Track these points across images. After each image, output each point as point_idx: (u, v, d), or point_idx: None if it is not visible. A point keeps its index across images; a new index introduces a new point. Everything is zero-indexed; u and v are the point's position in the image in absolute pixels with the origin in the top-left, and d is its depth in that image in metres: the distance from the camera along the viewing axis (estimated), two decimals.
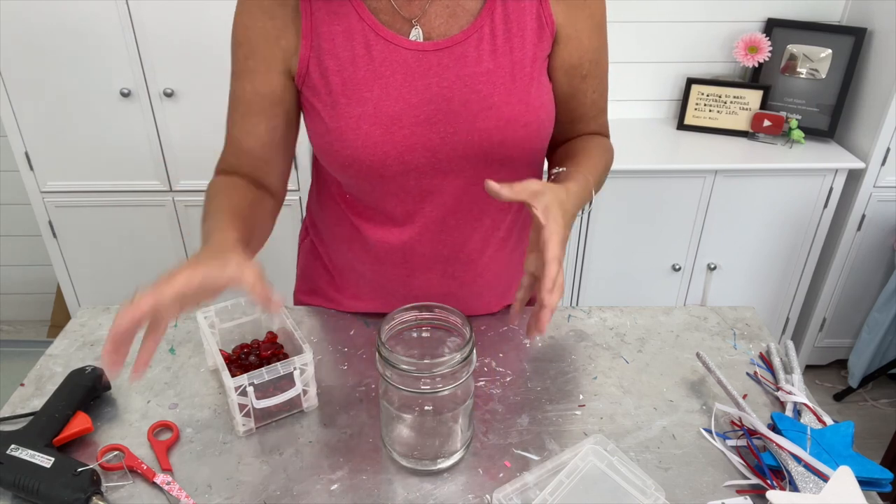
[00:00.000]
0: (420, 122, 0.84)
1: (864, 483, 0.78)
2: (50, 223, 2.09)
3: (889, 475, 0.79)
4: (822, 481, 0.77)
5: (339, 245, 1.04)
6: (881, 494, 0.80)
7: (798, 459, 0.79)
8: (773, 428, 0.86)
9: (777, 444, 0.81)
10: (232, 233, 0.78)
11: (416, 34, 0.83)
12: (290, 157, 0.94)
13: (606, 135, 1.03)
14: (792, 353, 0.99)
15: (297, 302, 1.16)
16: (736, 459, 0.84)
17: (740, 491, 0.80)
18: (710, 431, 0.88)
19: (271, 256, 2.28)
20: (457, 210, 0.92)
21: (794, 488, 0.77)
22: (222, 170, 0.93)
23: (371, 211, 0.95)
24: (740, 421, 0.87)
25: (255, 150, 0.90)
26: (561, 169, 0.90)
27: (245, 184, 0.91)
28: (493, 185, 0.73)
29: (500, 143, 0.85)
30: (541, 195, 0.74)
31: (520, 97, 0.85)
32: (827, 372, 2.51)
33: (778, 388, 0.93)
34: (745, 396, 0.93)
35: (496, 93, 0.84)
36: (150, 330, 0.68)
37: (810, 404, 0.88)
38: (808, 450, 0.81)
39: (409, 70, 0.83)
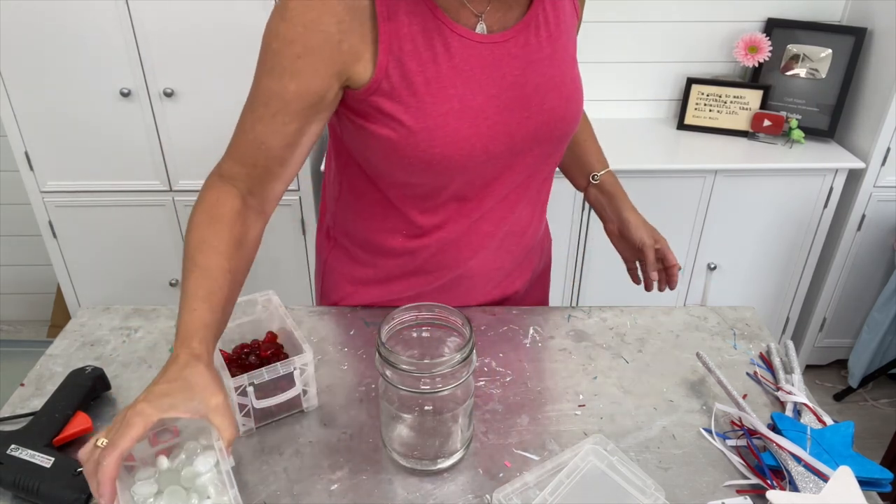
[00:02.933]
0: (500, 110, 0.88)
1: (864, 483, 0.78)
2: (50, 223, 2.09)
3: (889, 475, 0.79)
4: (822, 481, 0.77)
5: (388, 242, 1.02)
6: (881, 494, 0.80)
7: (798, 459, 0.79)
8: (773, 428, 0.86)
9: (777, 444, 0.81)
10: (205, 335, 0.74)
11: (482, 27, 0.86)
12: (302, 163, 0.92)
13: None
14: (792, 353, 0.99)
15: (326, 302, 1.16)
16: (736, 459, 0.84)
17: (740, 491, 0.80)
18: (710, 431, 0.88)
19: (272, 256, 2.29)
20: (519, 186, 0.97)
21: (794, 488, 0.77)
22: (224, 172, 0.88)
23: (436, 203, 0.95)
24: (740, 421, 0.87)
25: (276, 150, 0.86)
26: (597, 175, 1.13)
27: (237, 209, 0.85)
28: (655, 273, 1.12)
29: (563, 119, 0.93)
30: (658, 242, 1.11)
31: (572, 76, 0.94)
32: (827, 372, 2.51)
33: (778, 388, 0.93)
34: (745, 396, 0.93)
35: (557, 74, 0.91)
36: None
37: (810, 404, 0.88)
38: (807, 450, 0.81)
39: (484, 62, 0.86)
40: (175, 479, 0.75)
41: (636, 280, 1.16)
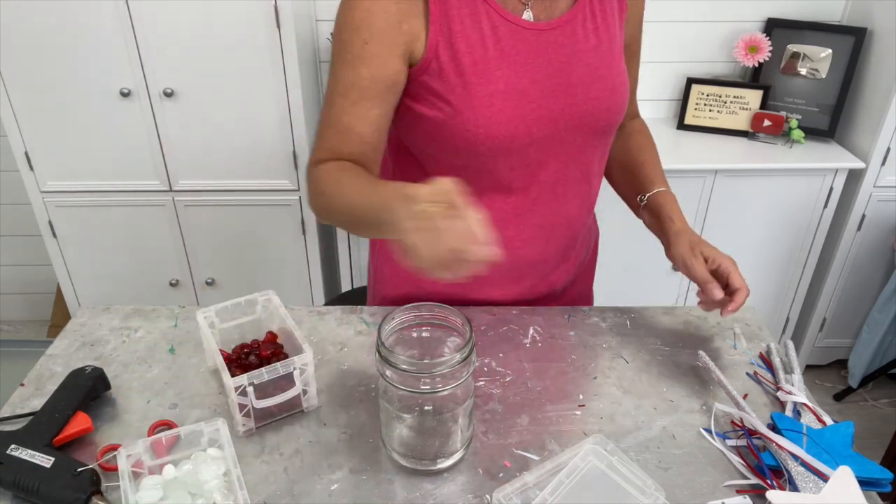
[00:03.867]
0: (544, 95, 0.90)
1: (864, 483, 0.78)
2: (50, 223, 2.09)
3: (889, 475, 0.79)
4: (821, 481, 0.77)
5: None
6: (881, 494, 0.80)
7: (798, 459, 0.79)
8: (773, 428, 0.86)
9: (777, 444, 0.81)
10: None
11: (528, 15, 0.89)
12: (385, 143, 0.95)
13: (637, 111, 1.17)
14: (792, 352, 0.99)
15: (381, 301, 1.15)
16: (736, 459, 0.84)
17: (740, 491, 0.80)
18: (709, 431, 0.88)
19: (272, 256, 2.29)
20: (566, 177, 0.98)
21: (794, 488, 0.77)
22: (325, 158, 0.91)
23: (483, 188, 0.96)
24: (741, 421, 0.87)
25: (367, 136, 0.90)
26: (645, 197, 1.07)
27: (347, 164, 0.90)
28: (716, 292, 0.95)
29: (607, 110, 0.94)
30: (710, 258, 0.98)
31: (618, 68, 0.96)
32: (827, 372, 2.51)
33: (778, 389, 0.93)
34: (745, 396, 0.93)
35: (602, 65, 0.93)
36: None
37: (810, 404, 0.88)
38: (804, 448, 0.81)
39: (531, 48, 0.89)
40: (181, 487, 0.76)
41: (704, 307, 1.01)
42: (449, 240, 0.67)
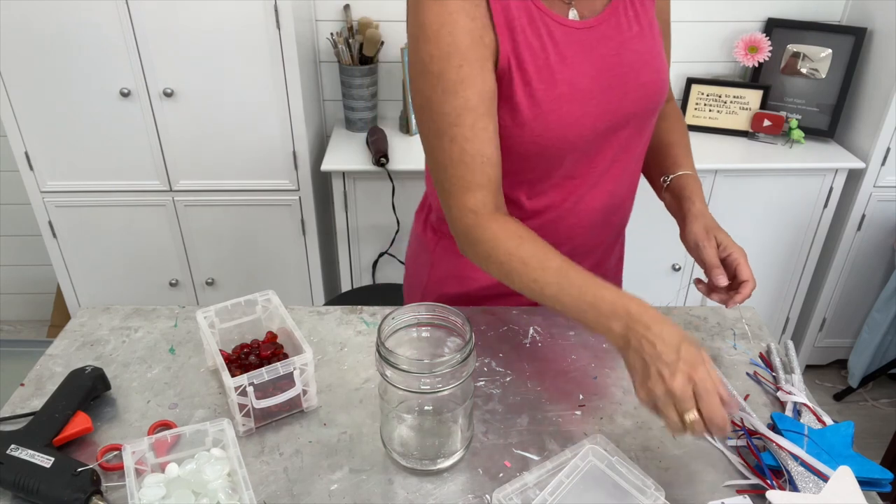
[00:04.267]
0: (603, 89, 0.91)
1: (864, 483, 0.78)
2: (50, 223, 2.09)
3: (889, 475, 0.79)
4: (821, 481, 0.77)
5: None
6: (881, 494, 0.80)
7: (798, 459, 0.79)
8: (773, 428, 0.86)
9: (777, 444, 0.81)
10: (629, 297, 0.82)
11: (574, 14, 0.91)
12: None
13: (671, 94, 1.15)
14: (792, 353, 0.99)
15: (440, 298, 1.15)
16: (736, 459, 0.84)
17: (740, 491, 0.80)
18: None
19: (272, 256, 2.28)
20: (616, 161, 0.99)
21: (794, 488, 0.77)
22: (473, 206, 0.89)
23: (545, 186, 0.98)
24: (741, 421, 0.87)
25: (492, 155, 0.88)
26: (668, 178, 1.06)
27: (514, 223, 0.90)
28: (721, 279, 0.94)
29: (656, 92, 0.97)
30: (722, 245, 0.97)
31: (659, 50, 0.98)
32: (827, 372, 2.51)
33: (778, 389, 0.93)
34: (746, 397, 0.93)
35: (646, 50, 0.95)
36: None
37: (810, 404, 0.88)
38: (804, 448, 0.81)
39: (584, 46, 0.90)
40: (184, 485, 0.76)
41: (704, 290, 0.99)
42: (685, 404, 0.72)
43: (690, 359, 0.73)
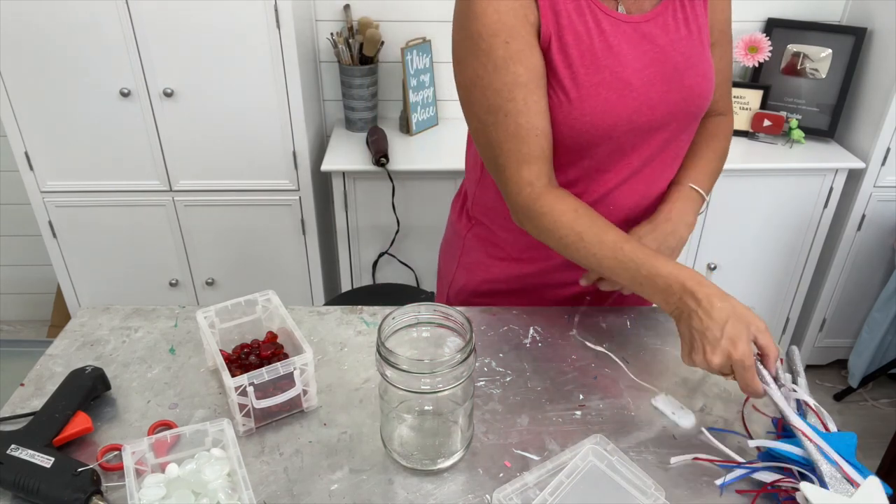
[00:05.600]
0: (644, 83, 0.93)
1: None
2: (50, 223, 2.09)
3: (889, 490, 0.78)
4: (851, 486, 0.75)
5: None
6: None
7: (830, 459, 0.78)
8: (782, 426, 0.85)
9: (809, 438, 0.79)
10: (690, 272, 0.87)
11: (621, 9, 0.93)
12: None
13: (728, 108, 1.14)
14: (797, 358, 0.98)
15: (467, 295, 1.18)
16: (738, 458, 0.83)
17: (739, 491, 0.80)
18: (712, 430, 0.88)
19: (272, 256, 2.29)
20: (652, 161, 1.00)
21: (824, 486, 0.76)
22: (530, 179, 0.92)
23: (576, 176, 0.99)
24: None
25: (544, 128, 0.92)
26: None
27: (573, 200, 0.94)
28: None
29: (699, 96, 0.98)
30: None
31: (707, 56, 0.99)
32: (827, 372, 2.51)
33: (781, 386, 0.93)
34: (747, 399, 0.93)
35: (694, 54, 0.96)
36: None
37: (814, 407, 0.88)
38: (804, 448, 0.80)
39: (630, 39, 0.92)
40: (184, 486, 0.76)
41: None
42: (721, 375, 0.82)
43: (734, 336, 0.79)
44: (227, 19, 1.80)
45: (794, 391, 0.90)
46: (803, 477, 0.78)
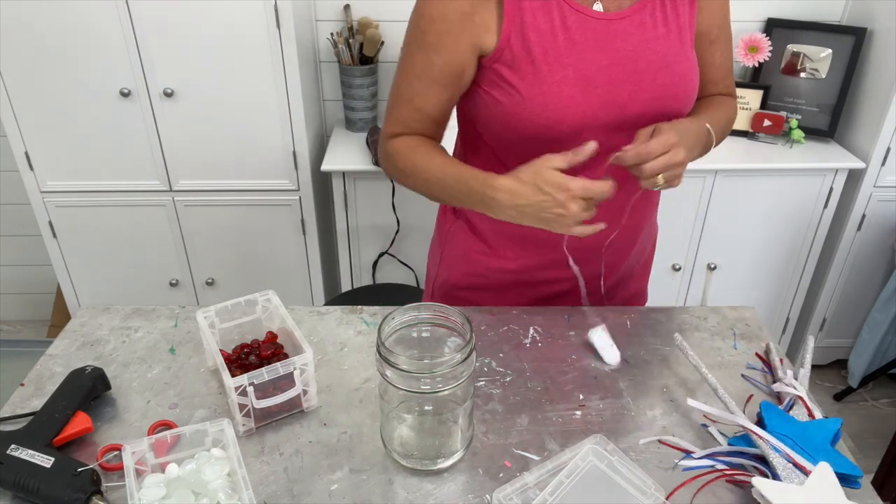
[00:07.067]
0: (612, 81, 0.93)
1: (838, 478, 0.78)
2: (50, 223, 2.09)
3: (859, 472, 0.80)
4: (803, 474, 0.78)
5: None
6: (881, 493, 0.80)
7: (780, 451, 0.80)
8: (760, 418, 0.86)
9: (759, 436, 0.81)
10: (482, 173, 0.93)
11: (599, 6, 0.94)
12: (448, 121, 1.05)
13: (732, 92, 1.14)
14: (810, 345, 0.99)
15: (448, 289, 1.19)
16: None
17: (729, 481, 0.80)
18: (706, 425, 0.88)
19: (272, 256, 2.29)
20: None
21: (777, 478, 0.78)
22: (401, 132, 1.02)
23: None
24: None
25: (434, 116, 1.01)
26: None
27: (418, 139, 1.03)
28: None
29: (674, 98, 0.97)
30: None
31: (686, 56, 0.98)
32: (827, 372, 2.51)
33: (776, 381, 0.94)
34: (750, 398, 0.93)
35: (671, 53, 0.96)
36: None
37: (804, 397, 0.89)
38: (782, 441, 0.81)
39: (599, 37, 0.93)
40: (184, 486, 0.76)
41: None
42: (588, 212, 0.87)
43: (554, 183, 0.85)
44: (227, 19, 1.80)
45: (787, 385, 0.91)
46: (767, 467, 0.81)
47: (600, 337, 0.99)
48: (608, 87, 0.93)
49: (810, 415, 0.87)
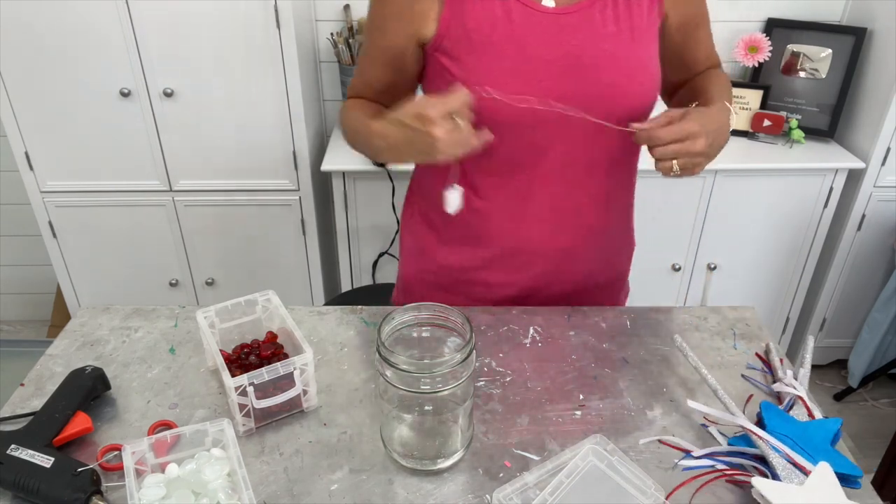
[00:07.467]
0: (554, 75, 0.93)
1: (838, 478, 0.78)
2: (50, 223, 2.09)
3: (859, 472, 0.80)
4: (802, 474, 0.78)
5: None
6: (881, 494, 0.80)
7: (780, 451, 0.80)
8: (760, 417, 0.86)
9: (758, 436, 0.81)
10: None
11: (550, 2, 0.93)
12: (414, 88, 1.06)
13: (719, 64, 1.14)
14: (810, 345, 0.99)
15: (405, 285, 1.20)
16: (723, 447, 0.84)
17: (729, 481, 0.80)
18: (705, 425, 0.88)
19: (272, 256, 2.29)
20: (574, 161, 0.99)
21: (777, 479, 0.78)
22: (356, 95, 1.08)
23: (495, 164, 0.99)
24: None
25: (380, 88, 1.05)
26: (696, 104, 0.98)
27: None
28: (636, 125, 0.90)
29: (622, 95, 0.95)
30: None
31: (639, 54, 0.97)
32: (827, 372, 2.51)
33: (776, 381, 0.94)
34: (750, 398, 0.93)
35: (619, 51, 0.95)
36: None
37: (804, 398, 0.89)
38: (777, 437, 0.81)
39: (544, 30, 0.93)
40: (184, 485, 0.76)
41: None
42: (465, 135, 0.83)
43: (413, 115, 0.83)
44: (227, 19, 1.80)
45: (788, 385, 0.91)
46: (766, 467, 0.81)
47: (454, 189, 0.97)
48: (549, 81, 0.92)
49: (810, 415, 0.87)
